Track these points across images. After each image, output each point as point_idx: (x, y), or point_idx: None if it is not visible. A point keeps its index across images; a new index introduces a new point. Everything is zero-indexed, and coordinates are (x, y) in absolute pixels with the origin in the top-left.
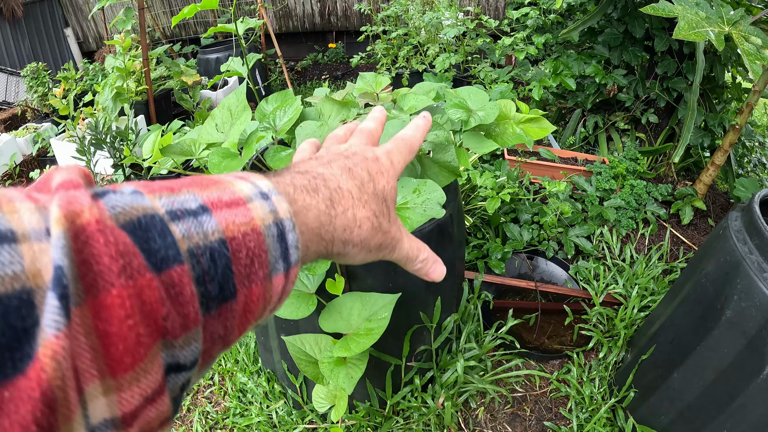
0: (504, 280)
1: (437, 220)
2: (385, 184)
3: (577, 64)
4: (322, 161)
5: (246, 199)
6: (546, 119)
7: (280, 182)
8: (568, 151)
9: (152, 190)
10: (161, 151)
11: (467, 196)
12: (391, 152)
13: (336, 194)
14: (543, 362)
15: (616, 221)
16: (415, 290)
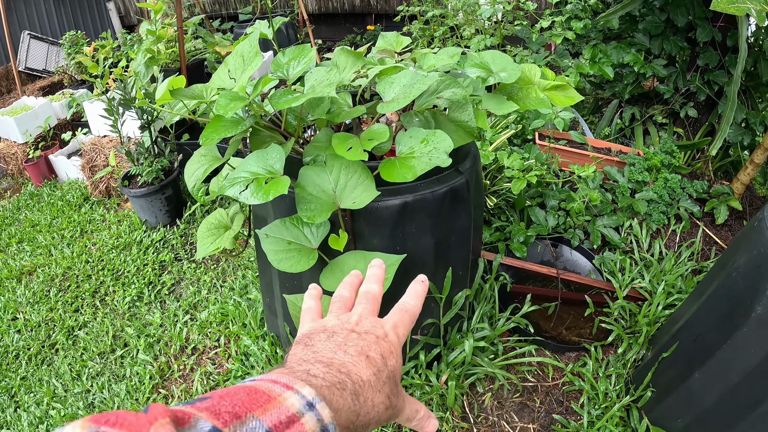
0: (524, 264)
1: (451, 183)
2: (395, 363)
3: (616, 52)
4: (339, 343)
5: (299, 414)
6: (572, 88)
7: (315, 382)
8: (602, 141)
9: (225, 423)
10: (171, 92)
11: (493, 177)
12: (398, 326)
13: (359, 387)
14: (558, 353)
15: (647, 215)
16: (424, 257)
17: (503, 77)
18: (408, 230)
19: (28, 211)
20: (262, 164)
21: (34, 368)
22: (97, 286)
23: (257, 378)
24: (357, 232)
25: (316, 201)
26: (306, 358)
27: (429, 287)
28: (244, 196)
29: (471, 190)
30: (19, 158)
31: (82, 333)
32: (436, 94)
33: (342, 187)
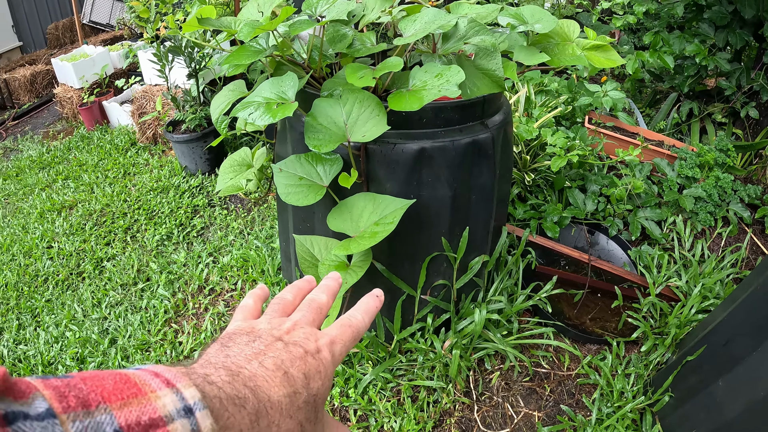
0: (555, 245)
1: (475, 136)
2: (319, 386)
3: (679, 42)
4: (258, 351)
5: (167, 419)
6: (614, 51)
7: (208, 389)
8: (655, 133)
9: (66, 408)
10: (199, 20)
11: (535, 154)
12: (335, 342)
13: (264, 408)
14: (578, 343)
15: (693, 213)
16: (440, 210)
17: (537, 28)
18: (424, 178)
19: (78, 152)
20: (275, 90)
21: (59, 293)
22: (130, 224)
23: (142, 367)
24: (371, 174)
25: (325, 131)
26: (214, 360)
27: (443, 245)
28: (252, 117)
29: (497, 148)
30: (74, 102)
31: (109, 264)
32: (464, 40)
33: (354, 120)
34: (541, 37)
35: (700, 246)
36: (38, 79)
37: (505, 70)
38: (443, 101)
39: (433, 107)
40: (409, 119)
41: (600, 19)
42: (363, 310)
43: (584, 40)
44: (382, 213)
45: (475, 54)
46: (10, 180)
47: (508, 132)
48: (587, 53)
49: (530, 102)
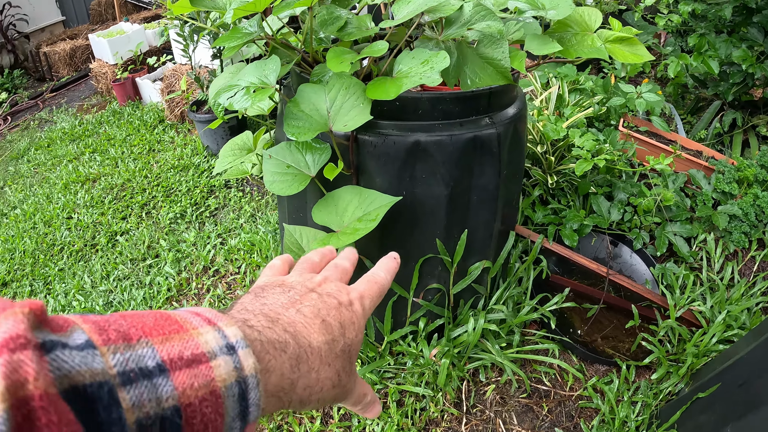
0: (571, 254)
1: (477, 131)
2: (353, 336)
3: (725, 46)
4: (294, 300)
5: (210, 355)
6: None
7: (249, 332)
8: (693, 142)
9: (107, 341)
10: (191, 1)
11: (561, 156)
12: (364, 297)
13: (304, 353)
14: (586, 362)
15: (726, 232)
16: (435, 209)
17: (550, 15)
18: (418, 174)
19: (108, 126)
20: (258, 74)
21: (72, 263)
22: (148, 200)
23: (182, 309)
24: (361, 166)
25: (306, 119)
26: (251, 308)
27: (438, 247)
28: (231, 101)
29: (504, 146)
30: (109, 78)
31: (122, 239)
32: (468, 25)
33: (338, 108)
34: (557, 25)
35: (730, 268)
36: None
37: (512, 60)
38: (442, 91)
39: (430, 98)
40: (404, 109)
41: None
42: (385, 268)
43: (607, 31)
44: (367, 209)
45: (478, 41)
46: (42, 150)
47: (519, 129)
48: (610, 46)
49: (562, 100)
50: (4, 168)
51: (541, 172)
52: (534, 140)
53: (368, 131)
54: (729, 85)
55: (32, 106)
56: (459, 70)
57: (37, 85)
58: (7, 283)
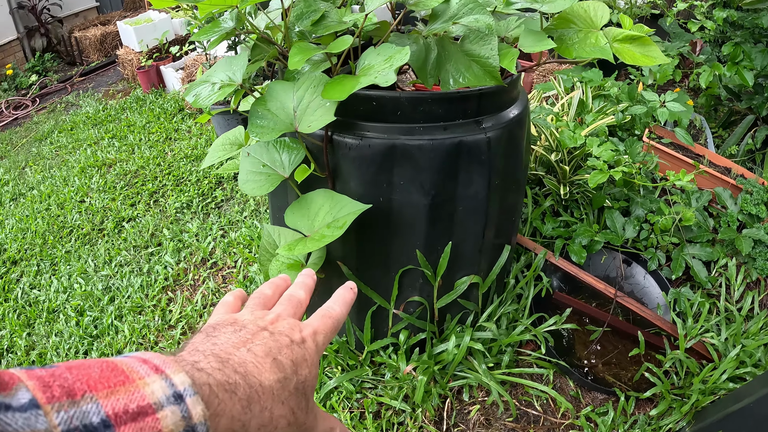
0: (578, 271)
1: (462, 136)
2: (307, 374)
3: (762, 57)
4: (245, 339)
5: (156, 406)
6: (655, 45)
7: (198, 376)
8: (722, 158)
9: (51, 398)
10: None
11: (578, 165)
12: (318, 333)
13: (255, 393)
14: (582, 389)
15: (750, 258)
16: (414, 219)
17: (544, 8)
18: (396, 180)
19: (130, 113)
20: (227, 71)
21: (79, 245)
22: (157, 188)
23: (130, 354)
24: (336, 169)
25: (272, 118)
26: (201, 348)
27: (418, 259)
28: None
29: (497, 153)
30: (134, 65)
31: (128, 225)
32: (454, 19)
33: (304, 107)
34: (558, 21)
35: (750, 298)
36: (108, 40)
37: (502, 58)
38: (423, 92)
39: (410, 98)
40: (382, 110)
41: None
42: (340, 302)
43: (616, 29)
44: (337, 215)
45: (464, 36)
46: (65, 133)
47: (517, 135)
48: (618, 45)
49: (585, 106)
50: (28, 148)
51: (555, 181)
52: (550, 147)
53: (344, 132)
54: (764, 98)
55: (61, 89)
56: (440, 69)
57: (68, 69)
58: (17, 261)
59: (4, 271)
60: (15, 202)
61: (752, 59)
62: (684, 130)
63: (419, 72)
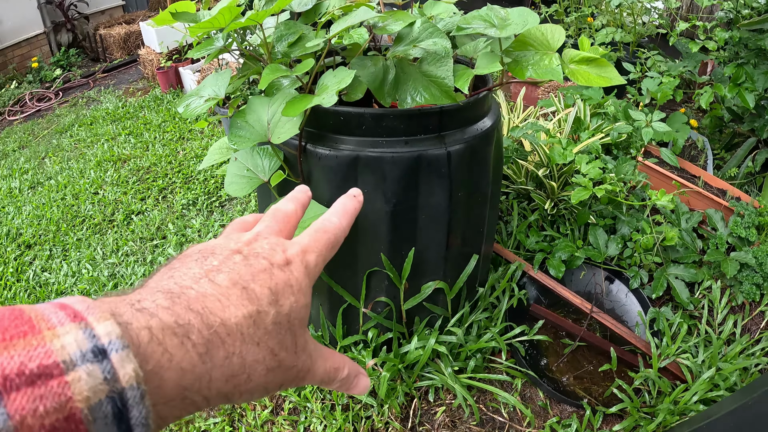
0: (555, 285)
1: (422, 150)
2: (292, 303)
3: (764, 78)
4: (210, 268)
5: (65, 365)
6: (612, 67)
7: (132, 322)
8: (718, 180)
9: None
10: (172, 15)
11: (567, 182)
12: (308, 251)
13: (216, 336)
14: (552, 400)
15: (736, 282)
16: (377, 225)
17: (491, 33)
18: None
19: (147, 111)
20: (213, 86)
21: (90, 234)
22: (167, 185)
23: (60, 300)
24: (309, 175)
25: (249, 129)
26: (153, 285)
27: (383, 262)
28: (185, 109)
29: (458, 167)
30: (155, 65)
31: (137, 218)
32: (415, 42)
33: (276, 120)
34: (516, 44)
35: (731, 322)
36: (131, 39)
37: (457, 79)
38: (386, 109)
39: (373, 114)
40: (349, 124)
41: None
42: (339, 212)
43: (573, 51)
44: (304, 217)
45: (422, 58)
46: (84, 128)
47: (480, 150)
48: (575, 67)
49: (581, 123)
50: (48, 140)
51: (544, 196)
52: (540, 162)
53: (317, 143)
54: (765, 121)
55: (83, 84)
56: (398, 88)
57: (91, 65)
58: (31, 245)
59: (19, 253)
60: (33, 190)
61: (755, 81)
62: (670, 151)
63: (376, 92)
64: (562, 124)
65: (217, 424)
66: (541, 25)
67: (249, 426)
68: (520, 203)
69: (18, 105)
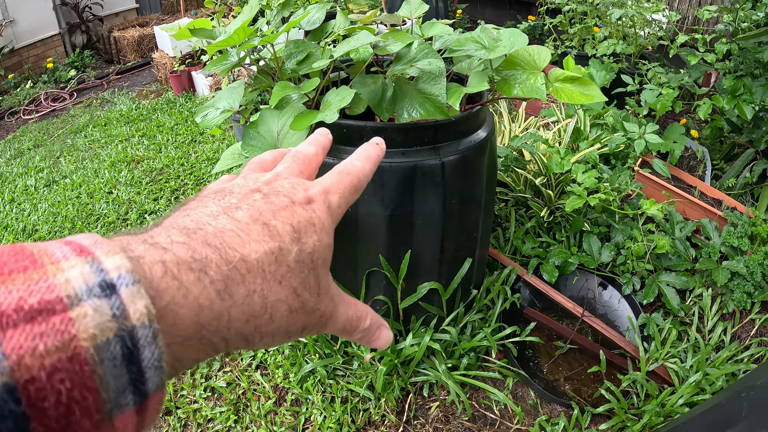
0: (548, 289)
1: (418, 160)
2: (315, 241)
3: (761, 91)
4: (228, 205)
5: (69, 300)
6: (594, 85)
7: (144, 256)
8: (715, 190)
9: None
10: (191, 31)
11: (562, 191)
12: (330, 192)
13: (236, 272)
14: (542, 400)
15: (728, 290)
16: (376, 227)
17: (481, 54)
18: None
19: (160, 114)
20: (228, 99)
21: (104, 232)
22: (179, 186)
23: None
24: None
25: (260, 139)
26: (169, 223)
27: (381, 262)
28: (202, 119)
29: (452, 175)
30: (168, 68)
31: (149, 217)
32: (412, 62)
33: (285, 131)
34: (506, 64)
35: (721, 329)
36: (145, 41)
37: (450, 96)
38: (386, 122)
39: (373, 127)
40: (350, 135)
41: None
42: (362, 157)
43: (558, 70)
44: None
45: (418, 77)
46: (98, 129)
47: (473, 160)
48: (560, 85)
49: (580, 133)
50: (63, 139)
51: (541, 204)
52: (539, 171)
53: None
54: (762, 132)
55: (97, 85)
56: (395, 104)
57: (105, 67)
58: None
59: None
60: (48, 188)
61: (753, 93)
62: (662, 162)
63: (375, 108)
64: (561, 133)
65: (223, 413)
66: (529, 47)
67: (253, 415)
68: (518, 210)
69: (33, 104)
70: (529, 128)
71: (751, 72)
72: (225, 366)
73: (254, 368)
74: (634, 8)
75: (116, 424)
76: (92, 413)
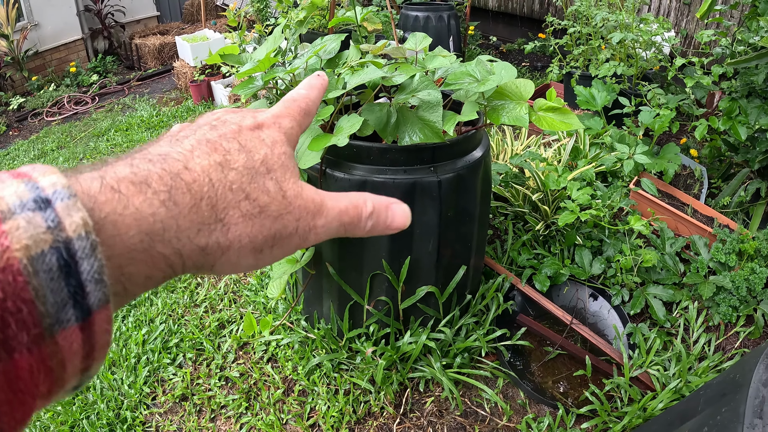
0: (540, 297)
1: (417, 178)
2: (267, 152)
3: (756, 113)
4: (177, 138)
5: (2, 215)
6: (573, 114)
7: (82, 173)
8: (708, 209)
9: None
10: (221, 56)
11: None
12: (280, 116)
13: (180, 181)
14: (531, 400)
15: (714, 303)
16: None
17: (472, 87)
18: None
19: (180, 121)
20: None
21: None
22: None
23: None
24: None
25: None
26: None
27: (384, 266)
28: None
29: (448, 191)
30: (188, 77)
31: None
32: (413, 93)
33: (303, 150)
34: (496, 94)
35: (703, 340)
36: (165, 49)
37: (446, 123)
38: (390, 144)
39: (379, 148)
40: (359, 155)
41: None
42: (307, 85)
43: (541, 101)
44: None
45: (418, 106)
46: (120, 133)
47: (468, 179)
48: (543, 114)
49: (579, 152)
50: (86, 142)
51: (539, 219)
52: (536, 188)
53: (335, 168)
54: (756, 152)
55: (119, 90)
56: (398, 129)
57: (126, 72)
58: None
59: None
60: None
61: (747, 114)
62: (650, 181)
63: (381, 132)
64: (561, 152)
65: (235, 400)
66: (516, 80)
67: (263, 403)
68: (516, 224)
69: (56, 107)
70: (531, 146)
71: (747, 94)
72: (239, 359)
73: (266, 361)
74: (635, 31)
75: (59, 341)
76: (29, 326)
